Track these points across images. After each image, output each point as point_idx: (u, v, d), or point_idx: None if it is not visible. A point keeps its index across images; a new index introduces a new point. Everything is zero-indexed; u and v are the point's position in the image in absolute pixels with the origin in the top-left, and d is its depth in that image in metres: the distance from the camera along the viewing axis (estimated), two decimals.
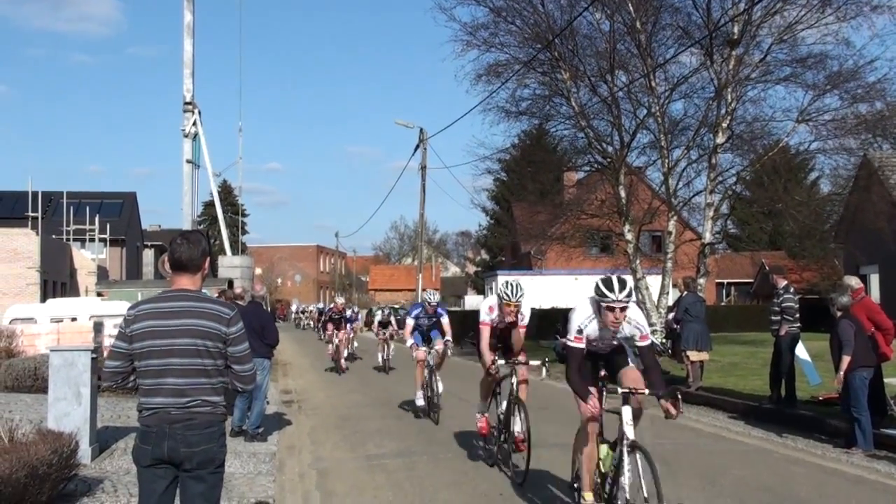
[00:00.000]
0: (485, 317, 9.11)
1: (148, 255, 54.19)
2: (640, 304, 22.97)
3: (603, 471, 6.47)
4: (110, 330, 16.34)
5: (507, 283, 8.86)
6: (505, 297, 8.74)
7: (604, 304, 6.21)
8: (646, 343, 6.44)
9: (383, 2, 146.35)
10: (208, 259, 4.51)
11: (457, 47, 23.75)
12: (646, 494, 5.72)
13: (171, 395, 4.24)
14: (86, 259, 40.55)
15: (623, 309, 6.19)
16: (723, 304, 53.48)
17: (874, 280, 28.83)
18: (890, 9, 20.00)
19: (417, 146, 38.20)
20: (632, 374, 6.62)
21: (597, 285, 6.25)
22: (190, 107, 25.15)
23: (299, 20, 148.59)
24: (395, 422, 12.89)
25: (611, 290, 6.13)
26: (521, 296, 8.80)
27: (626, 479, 5.90)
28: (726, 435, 11.36)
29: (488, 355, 9.00)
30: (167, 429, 4.21)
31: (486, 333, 9.07)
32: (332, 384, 19.26)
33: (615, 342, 6.65)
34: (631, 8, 21.74)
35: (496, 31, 23.48)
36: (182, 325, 4.27)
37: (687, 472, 8.80)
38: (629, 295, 6.19)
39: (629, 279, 11.22)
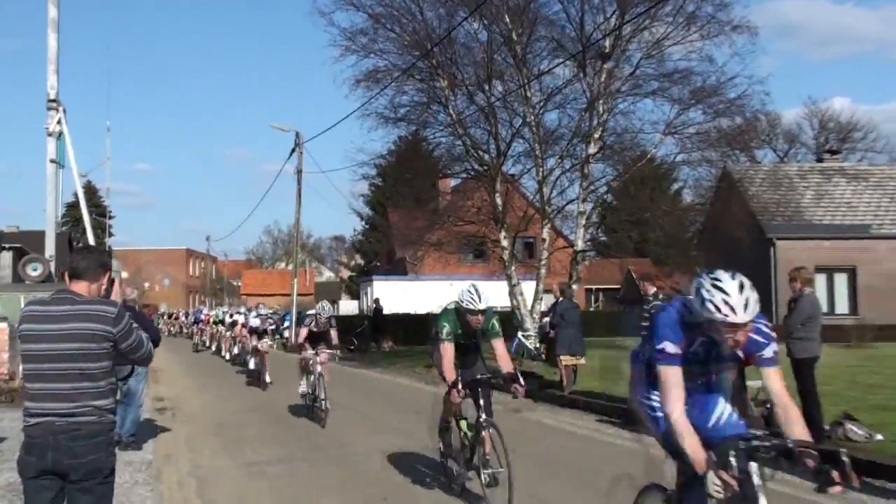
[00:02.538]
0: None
1: (6, 258, 51.22)
2: (515, 309, 23.49)
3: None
4: None
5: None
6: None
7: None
8: None
9: (260, 1, 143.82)
10: (108, 274, 4.49)
11: (335, 52, 23.65)
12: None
13: (53, 401, 4.14)
14: None
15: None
16: (591, 309, 55.09)
17: None
18: (749, 28, 21.32)
19: (293, 150, 37.81)
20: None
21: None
22: (54, 104, 23.96)
23: (170, 15, 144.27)
24: (274, 428, 12.75)
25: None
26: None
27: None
28: (599, 437, 11.70)
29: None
30: (51, 439, 4.10)
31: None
32: (207, 391, 18.84)
33: None
34: (507, 19, 22.25)
35: (375, 38, 23.58)
36: (64, 330, 4.18)
37: (565, 474, 9.08)
38: None
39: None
